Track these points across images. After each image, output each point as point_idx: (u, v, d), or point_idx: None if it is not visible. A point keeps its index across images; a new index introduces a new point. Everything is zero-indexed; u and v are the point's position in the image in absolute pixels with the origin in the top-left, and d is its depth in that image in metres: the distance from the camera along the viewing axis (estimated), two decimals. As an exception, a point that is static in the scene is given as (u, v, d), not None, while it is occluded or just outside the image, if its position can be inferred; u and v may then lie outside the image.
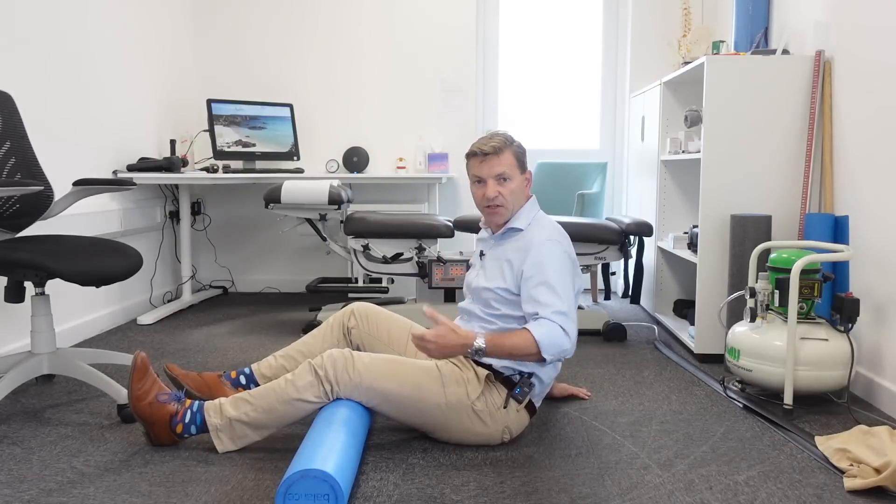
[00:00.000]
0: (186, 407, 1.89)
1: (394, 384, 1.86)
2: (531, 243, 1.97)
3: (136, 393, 1.87)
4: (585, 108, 4.48)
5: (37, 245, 2.09)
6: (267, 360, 2.18)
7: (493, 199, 2.00)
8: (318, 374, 1.84)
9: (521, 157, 2.04)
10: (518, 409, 1.95)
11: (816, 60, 2.74)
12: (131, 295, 3.63)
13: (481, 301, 2.05)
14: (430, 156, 4.20)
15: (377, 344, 2.19)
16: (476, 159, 2.01)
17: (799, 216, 2.78)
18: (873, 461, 1.75)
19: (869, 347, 2.43)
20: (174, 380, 2.12)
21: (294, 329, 3.38)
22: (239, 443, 1.88)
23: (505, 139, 2.01)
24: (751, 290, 2.38)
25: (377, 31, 4.31)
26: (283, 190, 3.17)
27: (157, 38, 3.90)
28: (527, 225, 2.04)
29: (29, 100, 2.77)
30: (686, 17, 3.92)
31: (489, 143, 1.99)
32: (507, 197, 2.00)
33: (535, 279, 1.92)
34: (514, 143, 2.04)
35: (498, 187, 2.00)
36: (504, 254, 2.03)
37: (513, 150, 2.01)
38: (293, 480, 1.48)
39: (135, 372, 1.88)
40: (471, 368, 1.95)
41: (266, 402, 1.85)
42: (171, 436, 1.90)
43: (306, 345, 2.19)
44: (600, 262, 3.22)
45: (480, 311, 2.05)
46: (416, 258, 3.27)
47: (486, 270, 2.07)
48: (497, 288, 2.00)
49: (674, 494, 1.69)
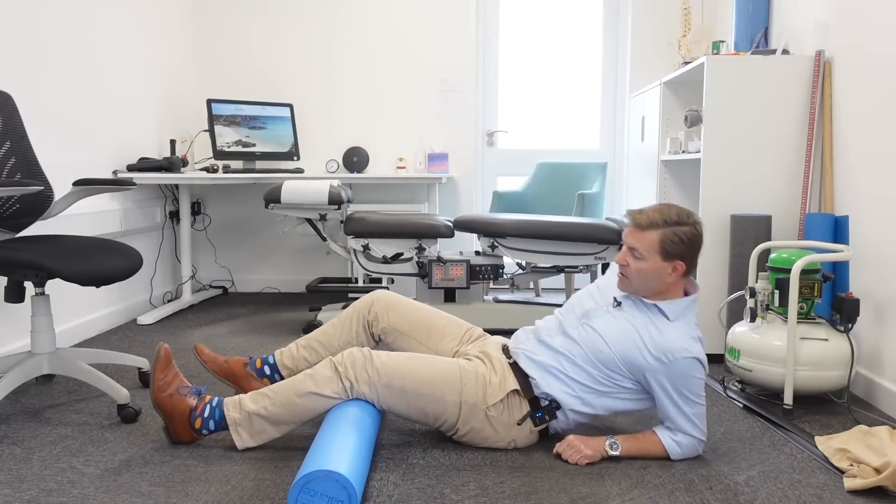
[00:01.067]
0: (206, 402, 1.90)
1: (411, 381, 1.86)
2: (672, 350, 1.83)
3: (157, 384, 1.87)
4: (585, 108, 4.48)
5: (37, 245, 2.09)
6: (289, 349, 2.20)
7: (620, 265, 1.95)
8: (338, 371, 1.85)
9: (667, 244, 1.86)
10: (531, 430, 1.94)
11: (816, 60, 2.74)
12: (131, 295, 3.63)
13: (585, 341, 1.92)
14: (430, 156, 4.21)
15: (398, 336, 2.18)
16: (627, 224, 1.97)
17: (799, 216, 2.78)
18: (873, 461, 1.75)
19: (869, 347, 2.43)
20: (202, 363, 2.16)
21: (294, 329, 3.38)
22: (257, 438, 1.88)
23: (660, 218, 1.88)
24: (751, 290, 2.38)
25: (377, 31, 4.31)
26: (283, 190, 3.17)
27: (158, 38, 3.90)
28: (674, 319, 1.89)
29: (29, 100, 2.77)
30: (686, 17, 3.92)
31: (642, 216, 1.91)
32: (633, 272, 1.90)
33: (671, 398, 1.85)
34: (669, 229, 1.87)
35: (628, 258, 1.92)
36: (638, 323, 1.89)
37: (661, 235, 1.87)
38: (316, 477, 1.48)
39: (157, 363, 1.89)
40: (496, 371, 1.93)
41: (285, 395, 1.85)
42: (190, 432, 1.90)
43: (326, 335, 2.20)
44: (600, 262, 3.23)
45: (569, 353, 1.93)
46: (416, 258, 3.27)
47: (615, 320, 1.92)
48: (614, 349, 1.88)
49: (674, 494, 1.69)
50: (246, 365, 2.17)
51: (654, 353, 1.84)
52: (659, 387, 1.85)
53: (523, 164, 4.47)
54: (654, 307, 1.91)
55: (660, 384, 1.85)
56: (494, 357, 1.99)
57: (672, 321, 1.88)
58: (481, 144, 4.52)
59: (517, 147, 4.52)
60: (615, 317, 1.93)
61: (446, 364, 1.92)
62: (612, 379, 1.90)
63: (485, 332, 2.21)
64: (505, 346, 2.05)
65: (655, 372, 1.85)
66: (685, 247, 1.88)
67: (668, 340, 1.84)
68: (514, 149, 4.53)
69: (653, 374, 1.85)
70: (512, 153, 4.53)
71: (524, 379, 1.92)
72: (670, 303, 1.90)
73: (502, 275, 3.29)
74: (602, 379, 1.90)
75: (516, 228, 3.16)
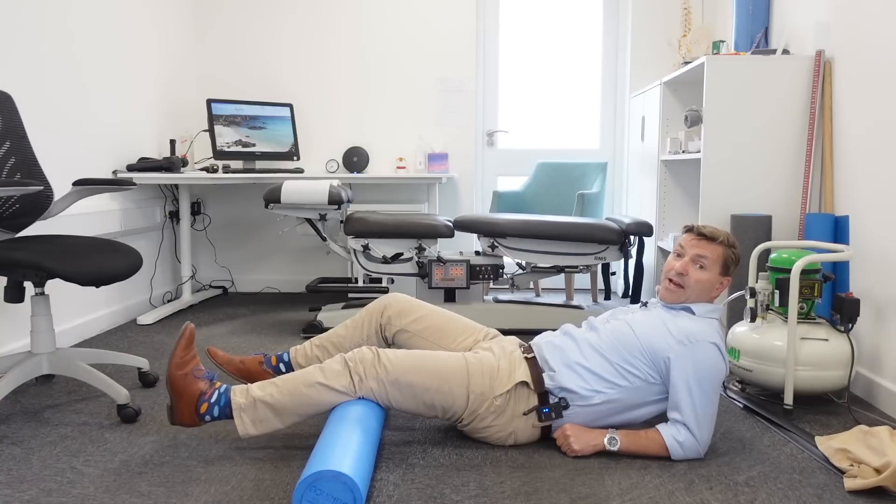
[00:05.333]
0: (216, 388, 1.89)
1: (419, 376, 1.87)
2: (695, 333, 1.88)
3: (175, 360, 1.86)
4: (585, 108, 4.48)
5: (37, 245, 2.09)
6: (304, 347, 2.21)
7: (678, 273, 1.98)
8: (349, 366, 1.86)
9: (730, 261, 1.99)
10: (535, 425, 1.94)
11: (816, 60, 2.74)
12: (131, 295, 3.63)
13: (611, 330, 1.97)
14: (430, 156, 4.21)
15: (411, 339, 2.19)
16: (690, 235, 2.02)
17: (799, 216, 2.78)
18: (873, 461, 1.75)
19: (869, 347, 2.43)
20: (218, 367, 2.17)
21: (294, 329, 3.38)
22: (260, 427, 1.85)
23: (727, 237, 2.00)
24: (751, 290, 2.38)
25: (377, 31, 4.31)
26: (282, 190, 3.17)
27: (158, 38, 3.90)
28: (700, 316, 1.97)
29: (29, 100, 2.77)
30: (686, 17, 3.92)
31: (710, 229, 2.00)
32: (693, 282, 1.96)
33: (686, 389, 1.86)
34: (733, 248, 2.00)
35: (689, 267, 1.98)
36: (665, 317, 1.96)
37: (726, 250, 1.98)
38: (325, 476, 1.47)
39: (181, 339, 1.89)
40: (507, 361, 1.95)
41: (293, 384, 1.85)
42: (193, 416, 1.88)
43: (339, 336, 2.22)
44: (600, 262, 3.22)
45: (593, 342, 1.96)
46: (416, 258, 3.27)
47: (644, 315, 1.99)
48: (639, 334, 1.93)
49: (674, 494, 1.69)
50: (262, 363, 2.18)
51: (676, 336, 1.89)
52: (677, 371, 1.87)
53: (523, 164, 4.47)
54: (681, 308, 1.99)
55: (678, 368, 1.87)
56: (507, 350, 2.01)
57: (698, 316, 1.96)
58: (481, 144, 4.52)
59: (517, 147, 4.52)
60: (643, 313, 2.01)
61: (452, 358, 1.94)
62: (631, 368, 1.91)
63: (500, 334, 2.22)
64: (522, 343, 2.07)
65: (676, 356, 1.87)
66: (735, 268, 2.02)
67: (692, 326, 1.90)
68: (514, 149, 4.53)
69: (675, 357, 1.87)
70: (512, 153, 4.53)
71: (537, 373, 1.93)
72: (698, 305, 1.99)
73: (502, 275, 3.29)
74: (620, 369, 1.91)
75: (516, 228, 3.16)
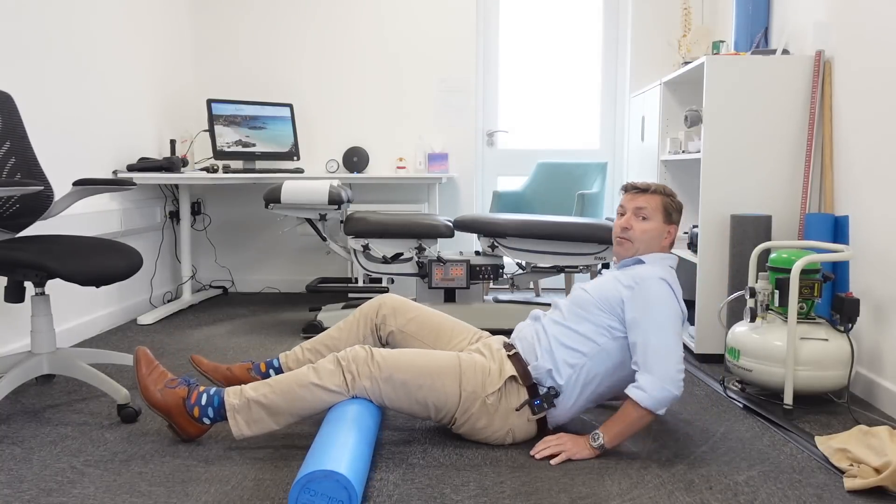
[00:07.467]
0: (200, 391, 1.89)
1: (412, 374, 1.88)
2: (643, 274, 1.94)
3: (143, 383, 1.87)
4: (585, 108, 4.48)
5: (37, 245, 2.09)
6: (294, 352, 2.21)
7: (622, 228, 2.04)
8: (341, 364, 1.87)
9: (669, 208, 2.04)
10: (529, 419, 1.94)
11: (816, 60, 2.74)
12: (131, 295, 3.63)
13: (571, 299, 2.04)
14: (430, 156, 4.21)
15: (406, 339, 2.20)
16: (626, 193, 2.08)
17: (799, 216, 2.78)
18: (873, 461, 1.75)
19: (869, 347, 2.43)
20: (203, 374, 2.16)
21: (294, 329, 3.38)
22: (254, 427, 1.86)
23: (661, 187, 2.06)
24: (751, 290, 2.38)
25: (377, 30, 4.31)
26: (283, 190, 3.17)
27: (158, 37, 3.90)
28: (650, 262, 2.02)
29: (29, 100, 2.77)
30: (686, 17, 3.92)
31: (642, 182, 2.07)
32: (638, 234, 2.02)
33: (639, 326, 1.89)
34: (669, 195, 2.06)
35: (632, 220, 2.03)
36: (617, 273, 2.03)
37: (663, 198, 2.04)
38: (317, 476, 1.48)
39: (138, 365, 1.90)
40: (496, 361, 1.96)
41: (286, 384, 1.85)
42: (194, 423, 1.89)
43: (332, 339, 2.21)
44: (600, 262, 3.23)
45: (560, 316, 2.02)
46: (416, 258, 3.27)
47: (599, 279, 2.07)
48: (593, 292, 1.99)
49: (674, 494, 1.69)
50: (250, 370, 2.17)
51: (625, 283, 1.95)
52: (629, 313, 1.92)
53: (523, 164, 4.47)
54: (633, 262, 2.04)
55: (630, 310, 1.92)
56: (495, 349, 2.02)
57: (648, 264, 2.01)
58: (481, 144, 4.52)
59: (517, 147, 4.52)
60: (598, 278, 2.09)
61: (445, 356, 1.94)
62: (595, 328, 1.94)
63: (489, 335, 2.23)
64: (506, 342, 2.07)
65: (628, 298, 1.93)
66: (678, 215, 2.07)
67: (641, 271, 1.96)
68: (514, 149, 4.53)
69: (626, 300, 1.93)
70: (512, 153, 4.53)
71: (522, 367, 1.95)
72: (648, 255, 2.04)
73: (502, 275, 3.29)
74: (587, 333, 1.94)
75: (516, 228, 3.16)
